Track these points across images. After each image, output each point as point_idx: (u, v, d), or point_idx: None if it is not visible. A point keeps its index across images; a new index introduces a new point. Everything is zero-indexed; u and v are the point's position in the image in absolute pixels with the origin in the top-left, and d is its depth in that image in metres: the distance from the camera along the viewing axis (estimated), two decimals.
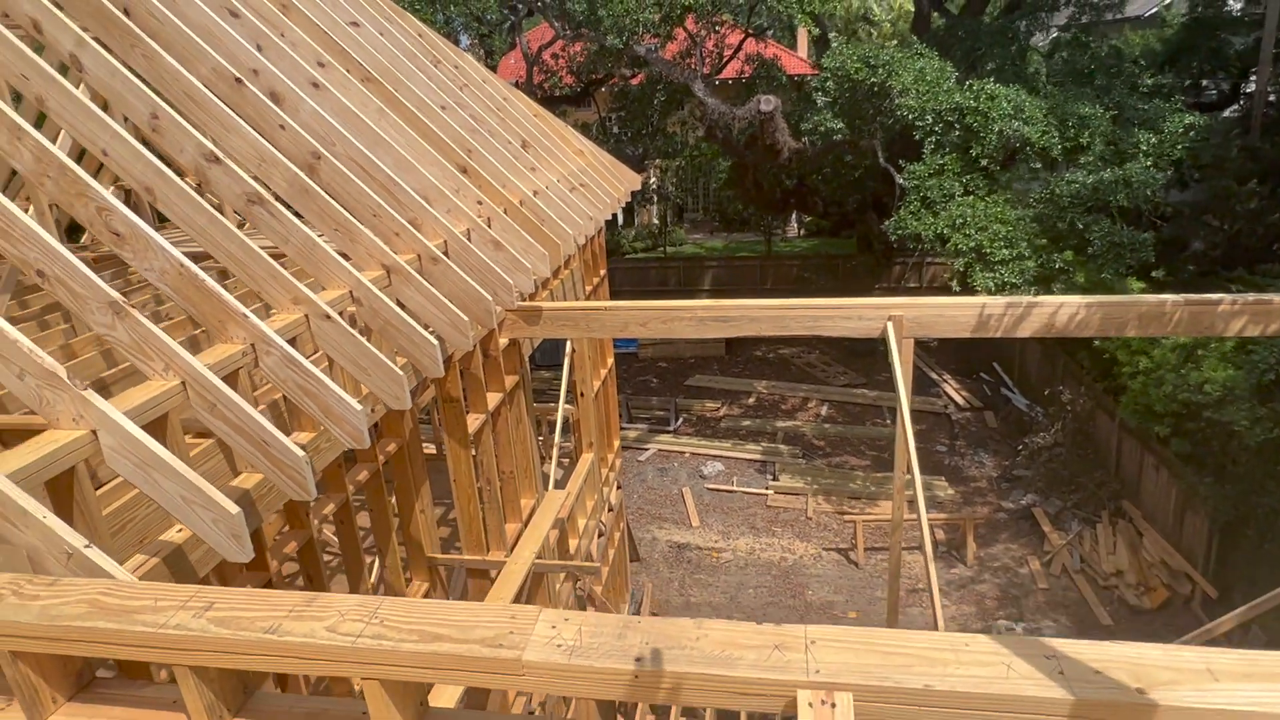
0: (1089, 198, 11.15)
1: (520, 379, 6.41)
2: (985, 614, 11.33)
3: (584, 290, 8.42)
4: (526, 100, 8.93)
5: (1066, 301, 5.34)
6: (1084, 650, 1.23)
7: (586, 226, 7.08)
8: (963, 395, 17.77)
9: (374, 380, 3.41)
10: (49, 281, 2.56)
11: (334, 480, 4.55)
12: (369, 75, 5.67)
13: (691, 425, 17.45)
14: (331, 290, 3.66)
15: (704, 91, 14.50)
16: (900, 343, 5.41)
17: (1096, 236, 10.97)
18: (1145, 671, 1.17)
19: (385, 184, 4.66)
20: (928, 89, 12.18)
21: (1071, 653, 1.22)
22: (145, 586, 1.53)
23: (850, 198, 19.36)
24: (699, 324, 5.65)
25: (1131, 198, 10.95)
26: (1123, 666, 1.18)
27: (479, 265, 4.78)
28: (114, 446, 2.29)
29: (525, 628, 1.33)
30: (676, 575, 12.64)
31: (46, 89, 3.12)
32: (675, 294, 24.11)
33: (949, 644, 1.26)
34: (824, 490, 14.54)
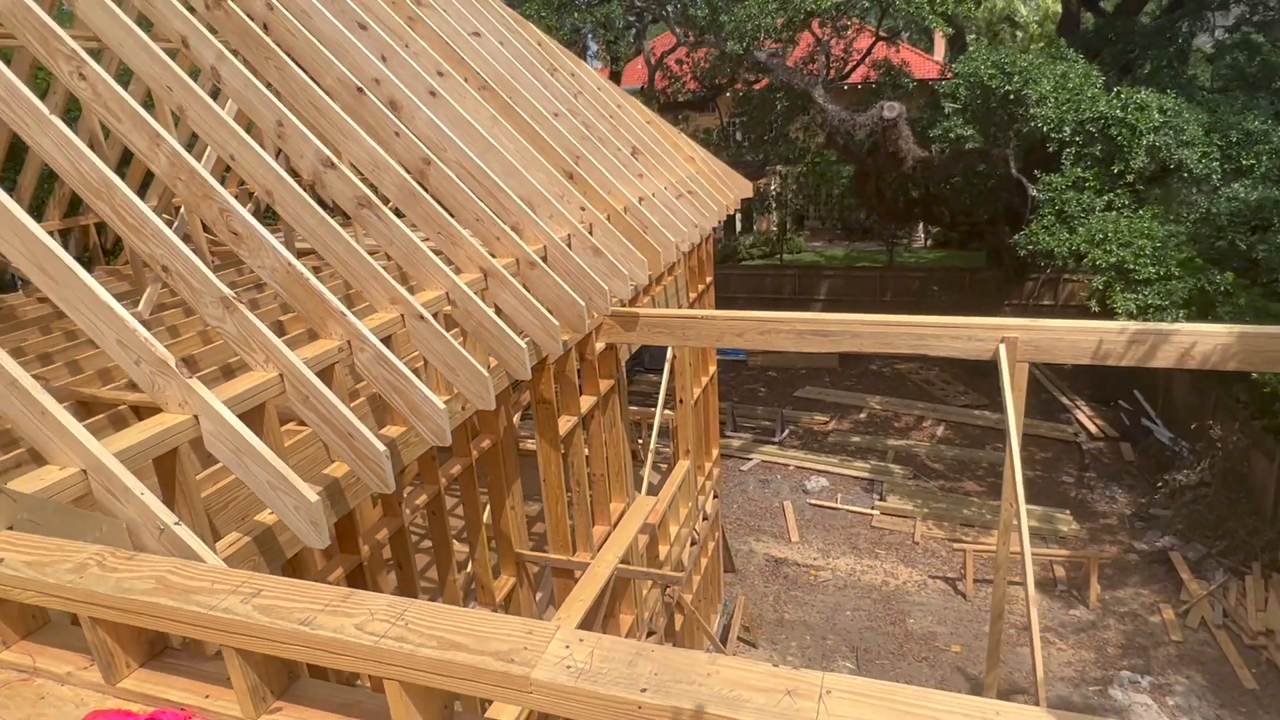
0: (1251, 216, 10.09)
1: (616, 383, 6.47)
2: (1106, 662, 10.46)
3: (687, 297, 8.41)
4: (640, 107, 9.01)
5: (1207, 333, 4.85)
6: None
7: (691, 234, 7.06)
8: (1097, 424, 16.50)
9: (462, 380, 3.53)
10: (172, 276, 2.80)
11: (428, 472, 4.74)
12: (485, 84, 5.88)
13: (798, 438, 17.08)
14: (429, 291, 3.81)
15: (824, 98, 14.17)
16: (1014, 367, 5.08)
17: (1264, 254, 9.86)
18: None
19: (491, 189, 4.81)
20: (1068, 97, 11.37)
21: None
22: (208, 569, 1.64)
23: (980, 208, 18.38)
24: (798, 337, 5.52)
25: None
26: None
27: (576, 271, 4.86)
28: (213, 432, 2.47)
29: (539, 645, 1.33)
30: (772, 590, 12.39)
31: (187, 99, 3.41)
32: (789, 303, 23.71)
33: (979, 711, 1.16)
34: (934, 515, 13.87)
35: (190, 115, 3.39)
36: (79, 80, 3.09)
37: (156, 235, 2.76)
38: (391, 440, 3.50)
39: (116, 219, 2.76)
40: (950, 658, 10.76)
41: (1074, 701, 9.94)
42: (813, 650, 11.09)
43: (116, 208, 2.75)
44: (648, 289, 7.04)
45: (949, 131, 13.44)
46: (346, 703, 1.61)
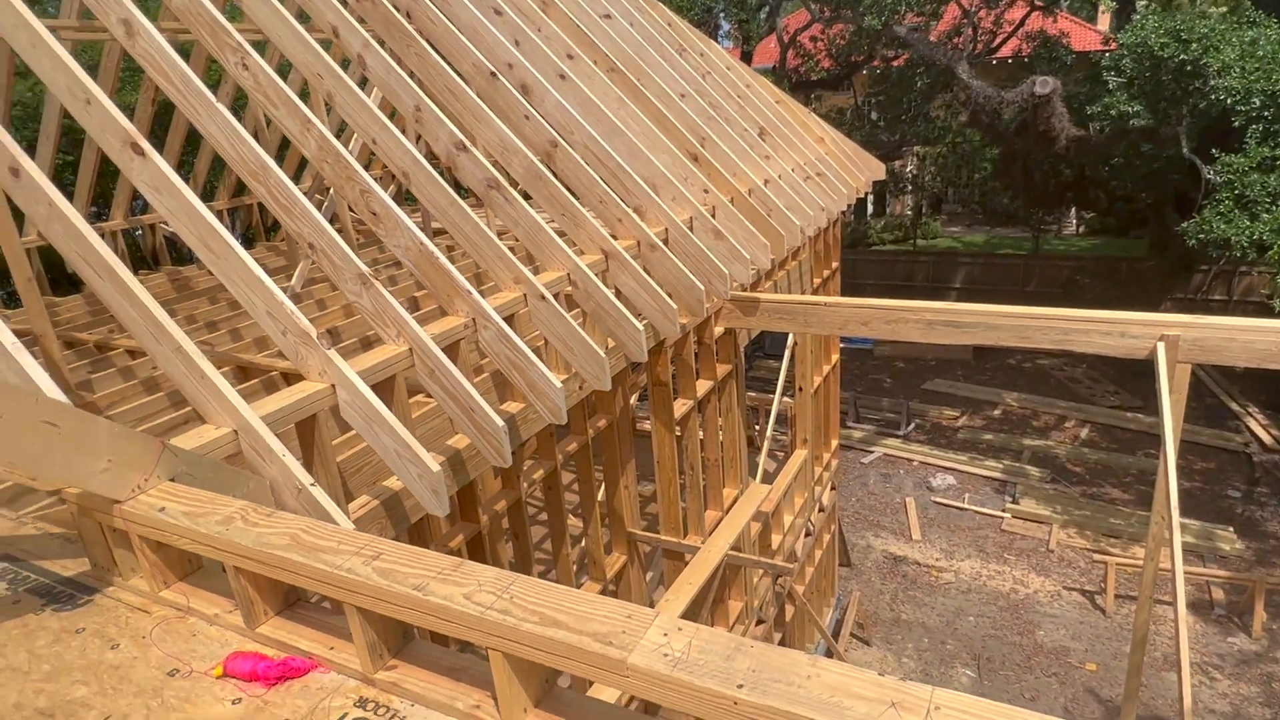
0: None
1: (733, 369, 6.41)
2: (1273, 699, 9.46)
3: (811, 283, 8.19)
4: (770, 86, 8.81)
5: None
6: None
7: (817, 218, 6.86)
8: (1272, 434, 14.85)
9: (579, 360, 3.59)
10: (317, 252, 2.99)
11: (545, 449, 4.87)
12: (614, 66, 5.91)
13: (924, 432, 16.37)
14: (551, 272, 3.89)
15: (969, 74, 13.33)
16: (1173, 368, 4.63)
17: None
18: None
19: (615, 171, 4.85)
20: (1256, 66, 10.16)
21: None
22: (335, 530, 1.75)
23: (1144, 193, 16.81)
24: (928, 328, 5.26)
25: None
26: None
27: (696, 254, 4.83)
28: (347, 400, 2.63)
29: (637, 630, 1.33)
30: (889, 588, 11.99)
31: (335, 86, 3.62)
32: (921, 291, 22.67)
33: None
34: (1074, 522, 12.95)
35: (338, 101, 3.60)
36: (242, 70, 3.34)
37: (304, 215, 2.95)
38: (510, 416, 3.61)
39: (270, 199, 2.97)
40: (1083, 676, 10.06)
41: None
42: (930, 654, 10.67)
43: (271, 189, 2.96)
44: (770, 274, 6.90)
45: (1110, 108, 12.35)
46: (455, 666, 1.67)
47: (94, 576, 2.20)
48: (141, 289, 2.41)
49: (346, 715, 1.61)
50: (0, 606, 2.12)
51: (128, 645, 1.90)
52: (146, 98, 7.50)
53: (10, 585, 2.21)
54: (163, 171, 2.67)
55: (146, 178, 2.67)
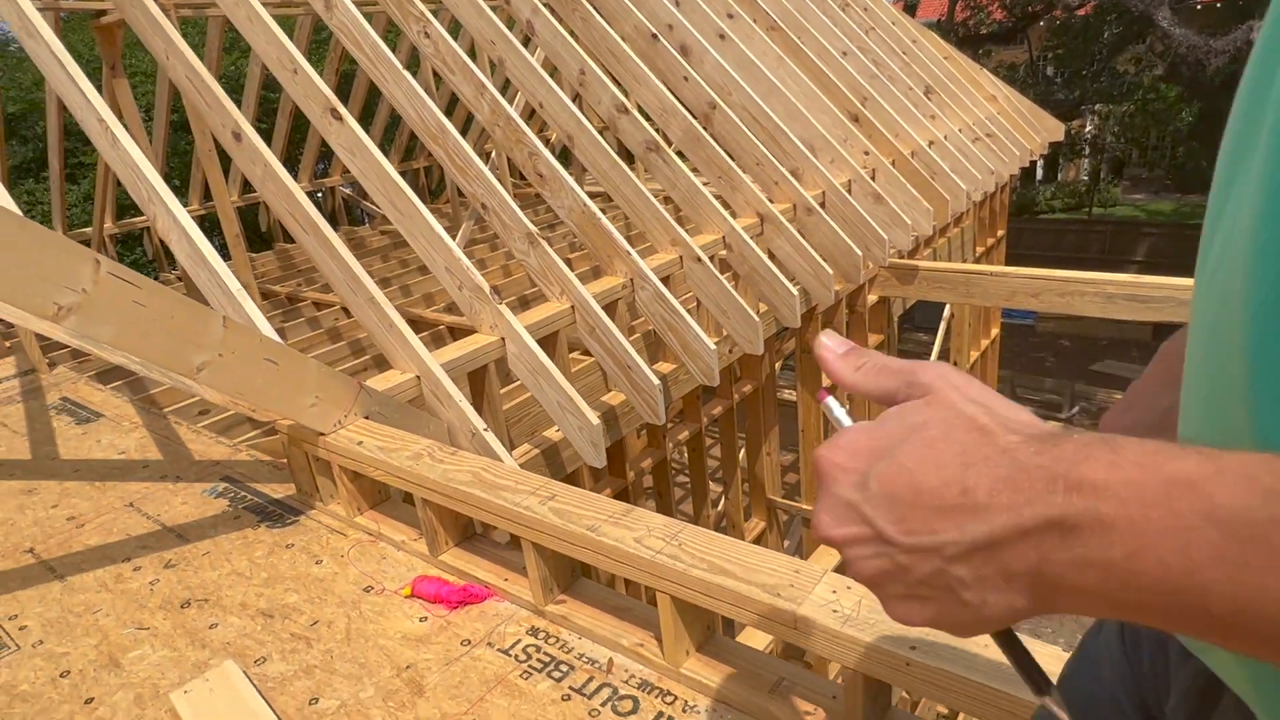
0: None
1: (885, 339, 6.19)
2: None
3: (974, 252, 7.74)
4: (937, 41, 8.29)
5: None
6: None
7: (985, 181, 6.44)
8: None
9: (732, 323, 3.59)
10: (490, 213, 3.16)
11: (691, 410, 4.93)
12: (774, 24, 5.77)
13: (1090, 416, 15.17)
14: (707, 234, 3.90)
15: (1170, 21, 11.93)
16: None
17: None
18: None
19: (772, 133, 4.76)
20: None
21: None
22: (512, 471, 1.87)
23: None
24: (1105, 301, 4.85)
25: None
26: None
27: (854, 218, 4.68)
28: (516, 353, 2.78)
29: (806, 585, 1.35)
30: None
31: (506, 52, 3.77)
32: (1094, 263, 20.82)
33: None
34: None
35: (509, 65, 3.74)
36: (424, 38, 3.54)
37: (479, 177, 3.11)
38: (663, 376, 3.68)
39: (448, 161, 3.16)
40: None
41: None
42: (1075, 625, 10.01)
43: (449, 151, 3.14)
44: (930, 240, 6.58)
45: None
46: (620, 606, 1.76)
47: (299, 500, 2.47)
48: (340, 243, 2.64)
49: (520, 641, 1.73)
50: (224, 520, 2.43)
51: (329, 562, 2.13)
52: (331, 69, 8.09)
53: (231, 503, 2.53)
54: (357, 135, 2.89)
55: (343, 140, 2.91)
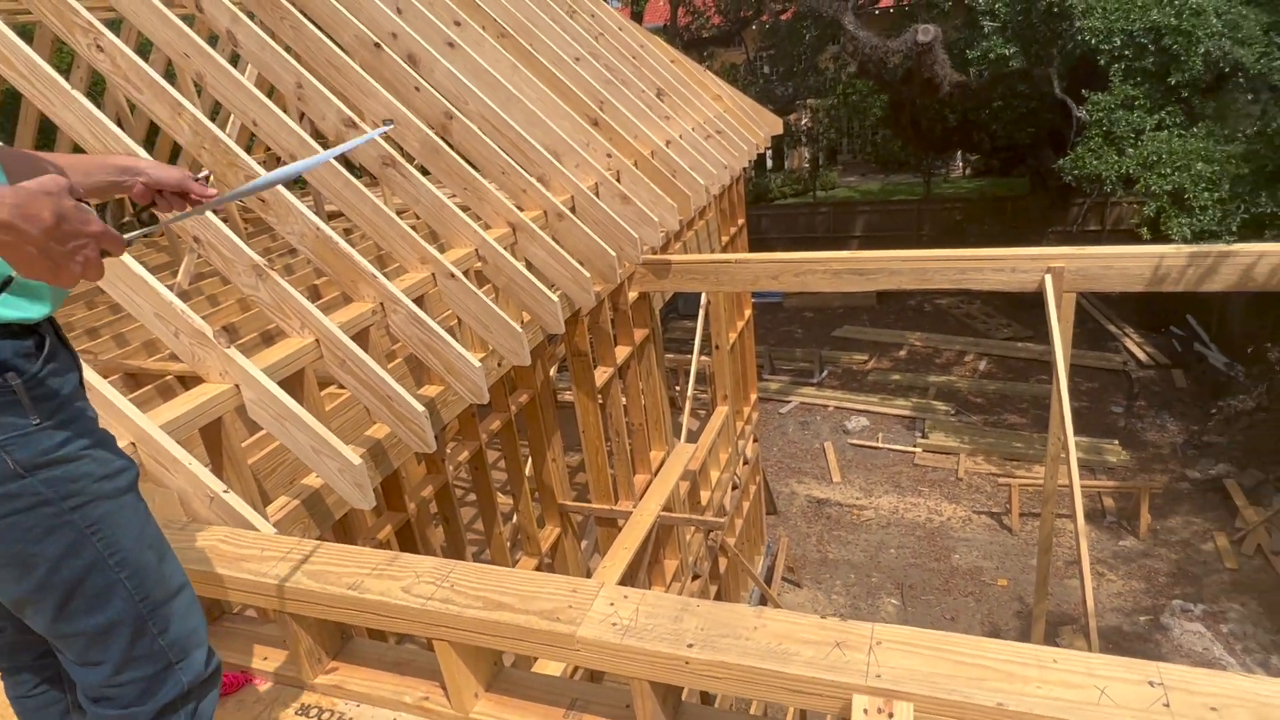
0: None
1: (650, 332, 6.44)
2: (1156, 592, 10.37)
3: (720, 241, 8.28)
4: (664, 46, 8.75)
5: (1269, 251, 4.62)
6: (1199, 681, 1.06)
7: (721, 175, 6.90)
8: (1146, 351, 16.07)
9: (496, 337, 3.52)
10: (203, 246, 2.81)
11: (469, 429, 4.79)
12: (504, 31, 5.75)
13: (837, 378, 16.94)
14: (458, 249, 3.79)
15: (855, 24, 13.60)
16: (1060, 298, 4.92)
17: None
18: (1273, 715, 0.99)
19: (515, 141, 4.74)
20: (1117, 6, 10.74)
21: (1182, 683, 1.05)
22: (257, 537, 1.67)
23: (1022, 133, 17.67)
24: (833, 277, 5.41)
25: None
26: (1247, 705, 1.01)
27: (605, 220, 4.79)
28: (254, 399, 2.50)
29: (584, 603, 1.33)
30: (814, 530, 12.46)
31: (205, 65, 3.38)
32: (823, 241, 23.25)
33: (1035, 659, 1.13)
34: (979, 450, 13.74)
35: (209, 81, 3.36)
36: (97, 53, 3.07)
37: None
38: (430, 400, 3.52)
39: None
40: (997, 592, 10.77)
41: (1125, 631, 9.90)
42: (857, 588, 11.18)
43: None
44: (679, 235, 6.93)
45: (988, 52, 12.83)
46: (400, 660, 1.64)
47: None
48: None
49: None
50: None
51: None
52: None
53: None
54: None
55: None
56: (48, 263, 1.14)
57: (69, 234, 1.14)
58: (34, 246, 1.12)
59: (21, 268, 1.15)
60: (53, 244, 1.13)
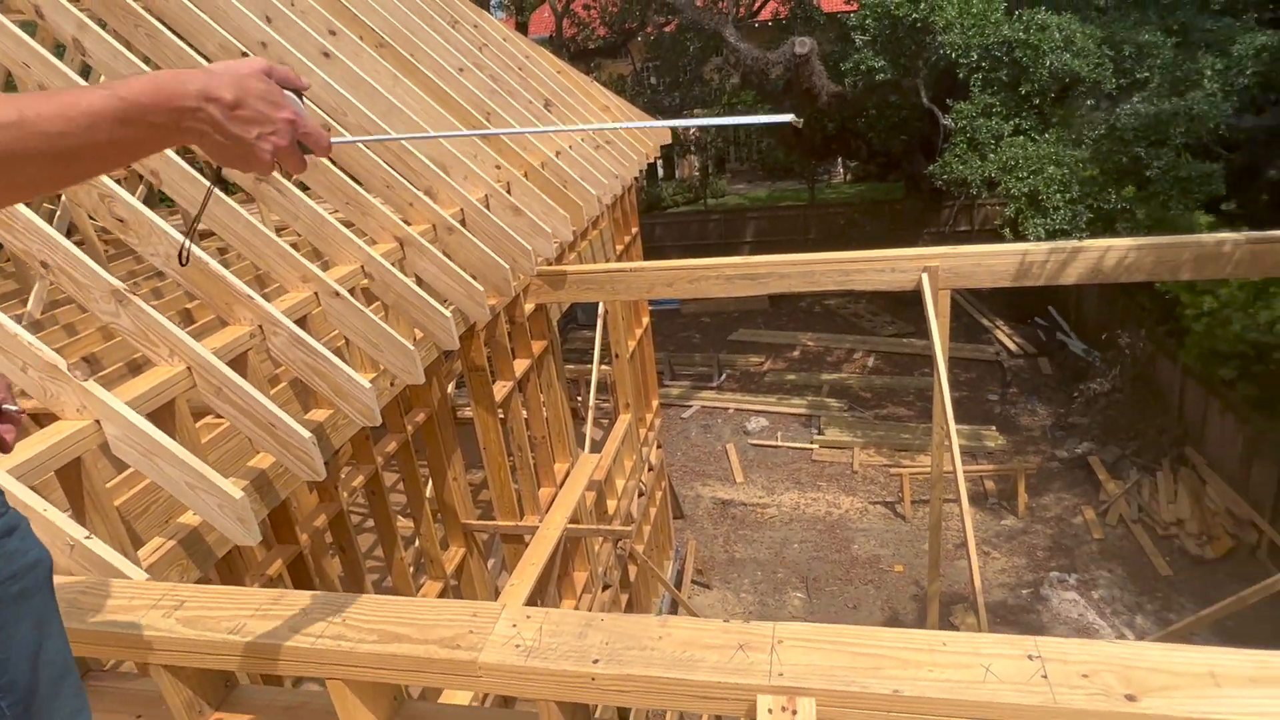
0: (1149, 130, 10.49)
1: (549, 344, 6.39)
2: (1037, 565, 11.11)
3: (615, 250, 8.32)
4: (549, 57, 8.74)
5: (1115, 244, 5.04)
6: (1072, 651, 1.13)
7: (612, 185, 6.94)
8: (1015, 341, 17.23)
9: (387, 356, 3.40)
10: (53, 272, 2.59)
11: (363, 452, 4.61)
12: (383, 41, 5.59)
13: (735, 381, 17.33)
14: (343, 266, 3.64)
15: (735, 37, 14.01)
16: (936, 294, 5.20)
17: (1156, 171, 10.36)
18: (1138, 676, 1.07)
19: (399, 153, 4.61)
20: (973, 23, 11.52)
21: (1058, 654, 1.12)
22: (125, 585, 1.54)
23: (895, 140, 18.66)
24: (726, 282, 5.52)
25: (1193, 132, 10.26)
26: (1114, 670, 1.08)
27: (496, 233, 4.72)
28: (118, 435, 2.32)
29: (485, 627, 1.29)
30: (721, 531, 12.67)
31: (48, 75, 3.12)
32: (716, 248, 23.78)
33: (925, 644, 1.18)
34: (871, 443, 14.35)
35: None
36: None
37: (28, 228, 2.53)
38: (318, 425, 3.36)
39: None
40: (894, 578, 11.26)
41: (1010, 605, 10.54)
42: (764, 585, 11.44)
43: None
44: (573, 245, 6.92)
45: (861, 64, 13.49)
46: (292, 705, 1.55)
47: None
48: None
49: None
50: None
51: None
52: None
53: None
54: None
55: None
56: (238, 149, 1.06)
57: (251, 118, 1.05)
58: (217, 131, 1.03)
59: (214, 154, 1.08)
60: (234, 126, 1.04)
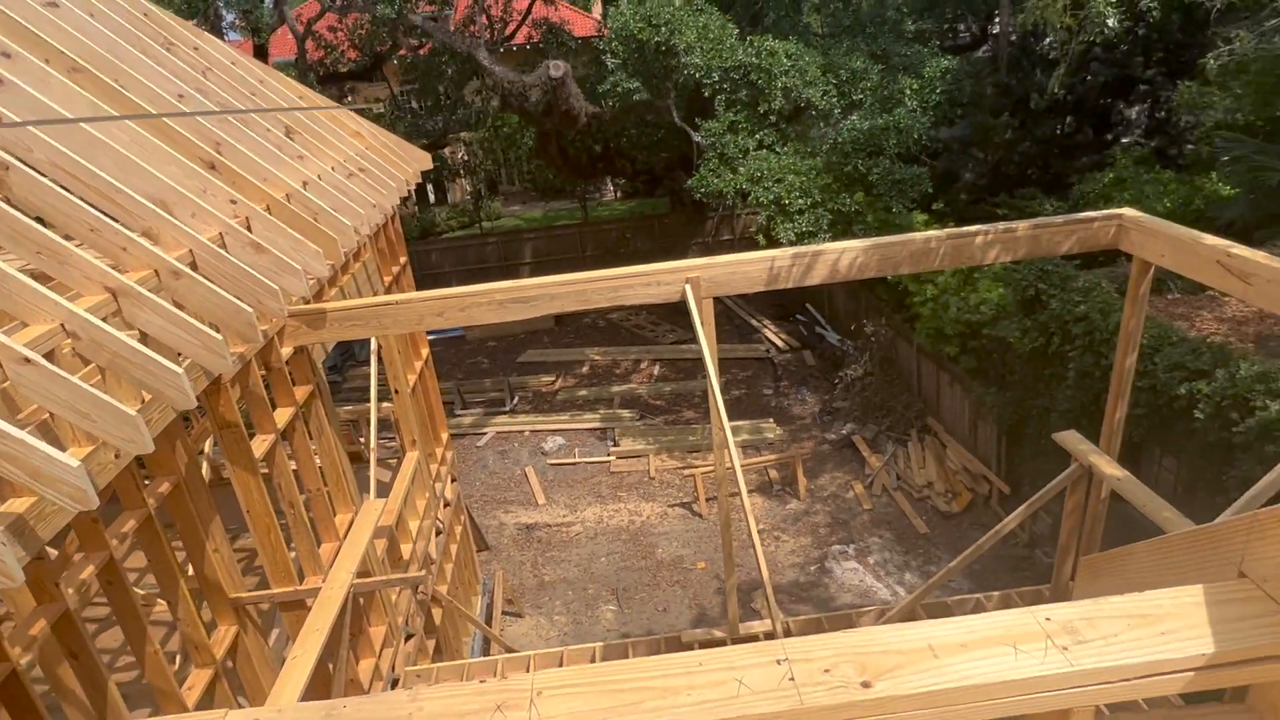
0: (866, 143, 11.88)
1: (315, 387, 5.92)
2: (820, 542, 12.09)
3: (382, 282, 7.92)
4: (288, 81, 8.16)
5: (847, 247, 5.60)
6: (815, 648, 1.19)
7: (371, 215, 6.60)
8: (782, 338, 18.71)
9: (102, 426, 2.94)
10: None
11: (91, 538, 3.96)
12: (77, 65, 4.89)
13: (528, 403, 17.22)
14: (37, 326, 3.11)
15: (489, 60, 13.98)
16: (700, 303, 5.47)
17: (876, 177, 11.74)
18: (872, 660, 1.14)
19: (106, 192, 4.04)
20: (711, 46, 12.40)
21: (802, 653, 1.17)
22: None
23: (657, 158, 19.61)
24: (498, 307, 5.43)
25: (901, 142, 11.77)
26: (852, 659, 1.15)
27: (236, 274, 4.29)
28: None
29: None
30: (528, 556, 12.49)
31: None
32: (496, 271, 23.58)
33: (683, 667, 1.18)
34: (665, 448, 14.87)
35: None
36: None
37: None
38: (17, 518, 2.83)
39: None
40: (698, 575, 11.72)
41: (802, 582, 11.37)
42: (576, 603, 11.43)
43: None
44: (333, 280, 6.49)
45: (615, 86, 14.02)
46: None
47: None
48: None
49: None
50: None
51: None
52: None
53: None
54: None
55: None
56: None
57: None
58: None
59: None
60: None
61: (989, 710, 1.10)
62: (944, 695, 1.07)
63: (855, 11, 14.77)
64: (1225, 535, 1.48)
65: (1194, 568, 1.67)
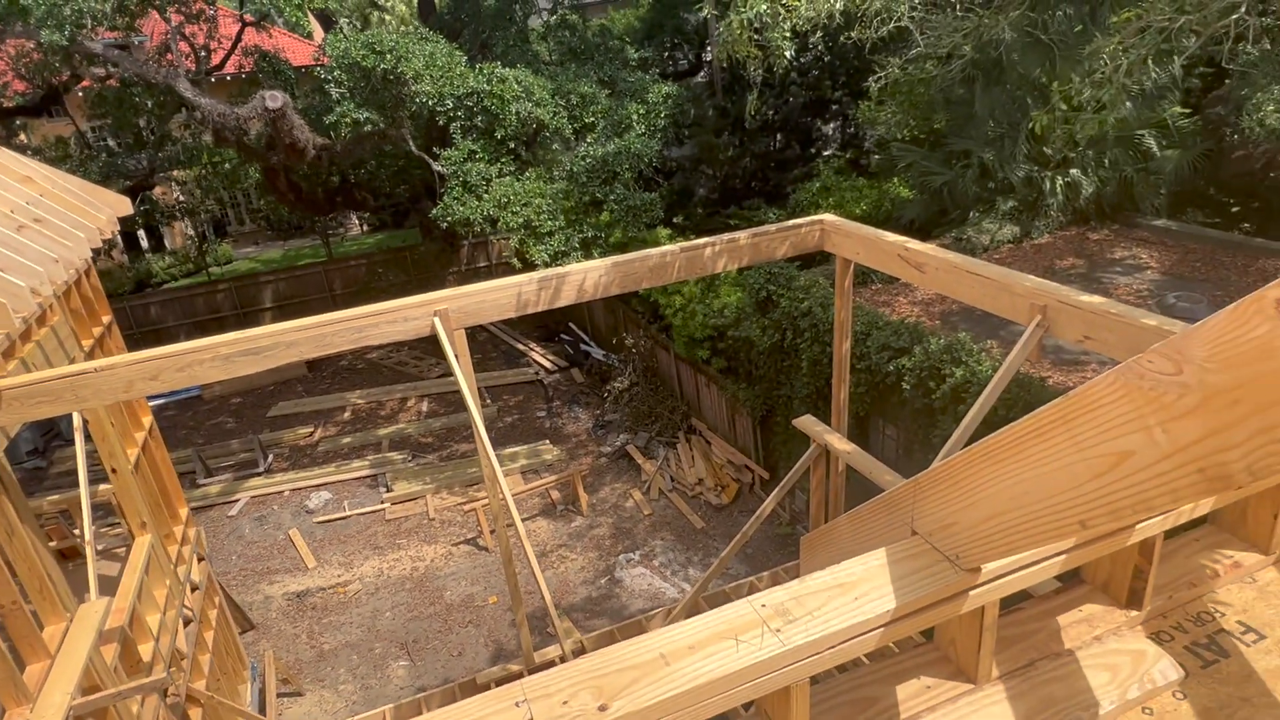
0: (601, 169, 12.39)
1: (3, 484, 4.96)
2: (606, 554, 12.33)
3: (80, 347, 6.85)
4: None
5: (591, 268, 5.78)
6: (553, 681, 1.19)
7: (53, 272, 5.69)
8: (549, 359, 18.88)
9: None
10: None
11: None
12: None
13: (285, 459, 15.79)
14: None
15: (193, 92, 12.69)
16: (451, 335, 5.34)
17: (613, 203, 12.28)
18: (608, 682, 1.16)
19: None
20: (441, 74, 12.25)
21: (540, 690, 1.17)
22: None
23: (400, 189, 18.97)
24: (225, 363, 4.90)
25: (635, 166, 12.42)
26: (588, 685, 1.16)
27: None
28: None
29: None
30: (302, 628, 11.42)
31: None
32: (234, 320, 21.45)
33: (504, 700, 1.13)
34: (443, 485, 14.35)
35: None
36: None
37: None
38: None
39: None
40: (491, 611, 11.43)
41: (594, 597, 11.50)
42: (363, 667, 10.64)
43: None
44: (10, 352, 5.49)
45: (344, 116, 13.35)
46: None
47: None
48: None
49: None
50: None
51: None
52: None
53: None
54: None
55: None
56: None
57: None
58: None
59: None
60: None
61: (719, 705, 1.17)
62: (674, 701, 1.12)
63: (581, 38, 15.36)
64: (898, 500, 1.72)
65: (880, 532, 1.92)
